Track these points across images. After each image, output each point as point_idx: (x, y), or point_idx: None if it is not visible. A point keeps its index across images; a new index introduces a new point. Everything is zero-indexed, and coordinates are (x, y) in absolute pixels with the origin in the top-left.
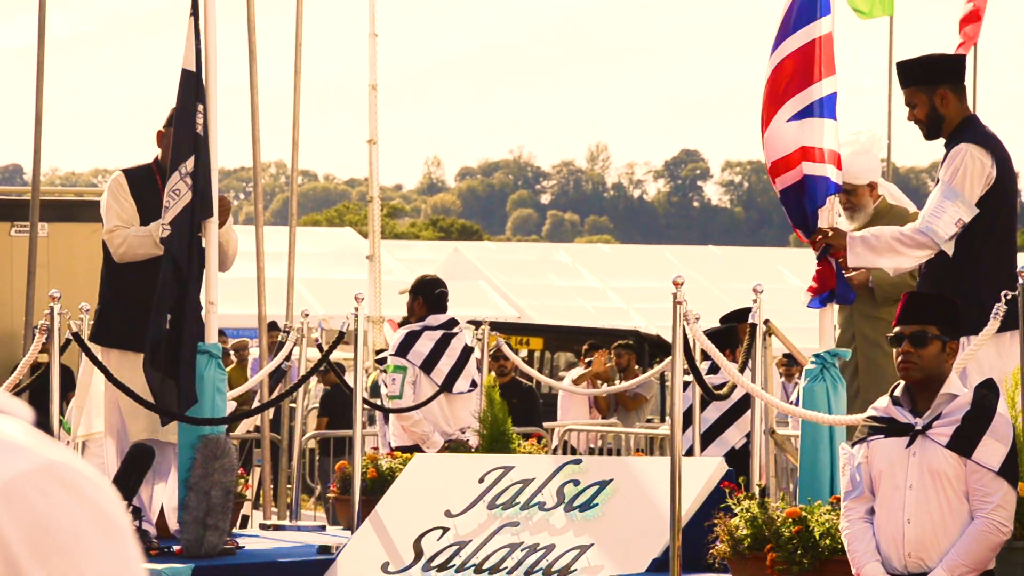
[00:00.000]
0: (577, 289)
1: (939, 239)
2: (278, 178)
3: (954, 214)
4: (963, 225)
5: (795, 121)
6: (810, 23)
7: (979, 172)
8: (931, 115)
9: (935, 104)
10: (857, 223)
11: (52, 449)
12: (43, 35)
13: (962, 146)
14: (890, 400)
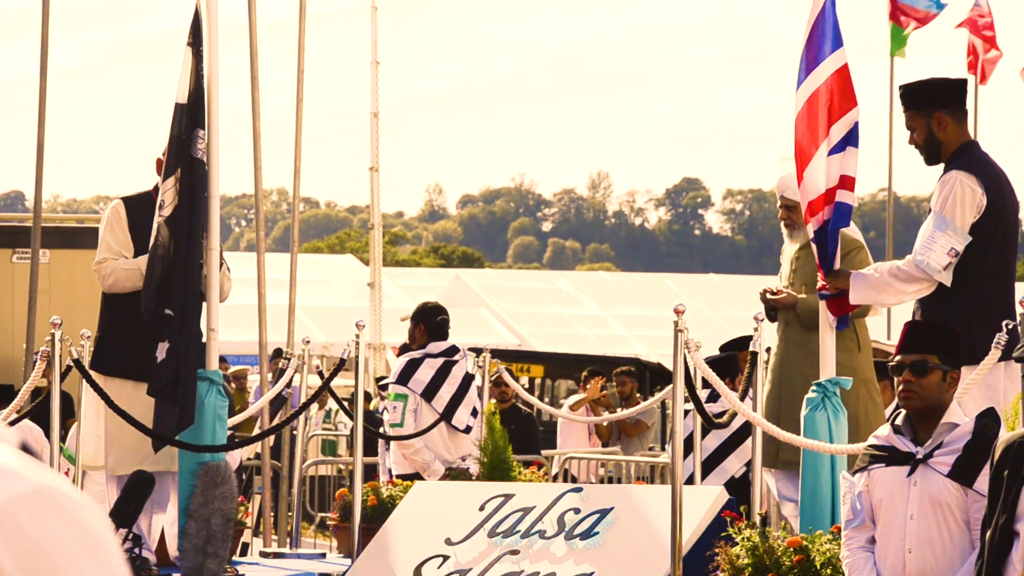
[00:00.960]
0: (578, 317)
1: (932, 271)
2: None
3: (945, 244)
4: (956, 254)
5: (836, 155)
6: (833, 52)
7: (969, 200)
8: (929, 140)
9: (932, 129)
10: (797, 241)
11: (43, 474)
12: (45, 63)
13: (952, 174)
14: (891, 429)
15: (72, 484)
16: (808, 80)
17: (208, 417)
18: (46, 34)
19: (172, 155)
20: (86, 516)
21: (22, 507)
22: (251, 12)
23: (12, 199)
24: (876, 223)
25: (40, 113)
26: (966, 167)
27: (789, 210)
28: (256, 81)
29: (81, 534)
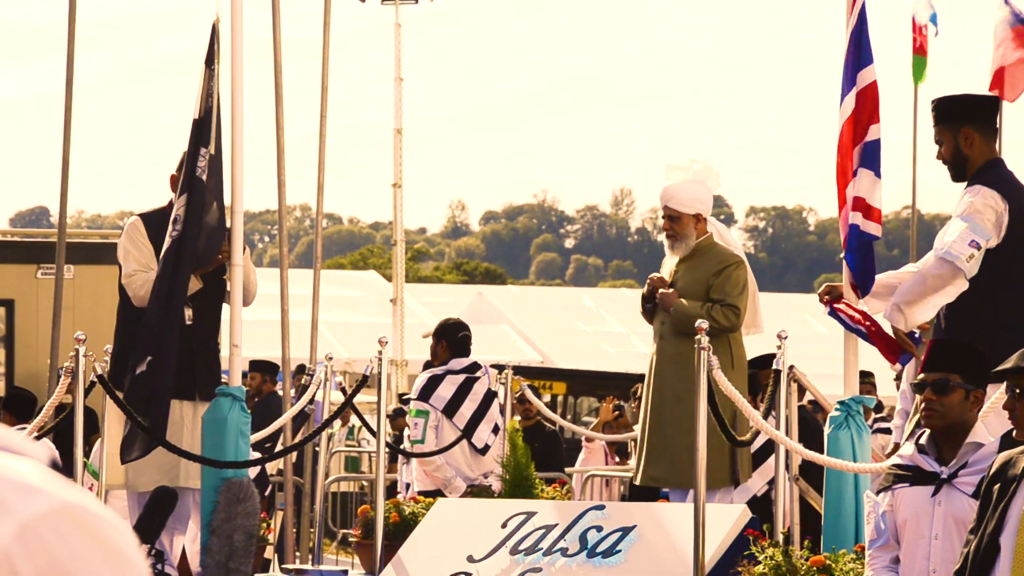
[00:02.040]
0: (601, 334)
1: (954, 258)
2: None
3: (966, 235)
4: (978, 246)
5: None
6: (863, 69)
7: (991, 212)
8: (955, 154)
9: (959, 143)
10: (678, 253)
11: (69, 491)
12: (71, 79)
13: (976, 186)
14: (915, 448)
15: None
16: (846, 101)
17: (231, 433)
18: (72, 51)
19: (185, 172)
20: (112, 533)
21: (48, 524)
22: (275, 30)
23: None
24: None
25: (65, 129)
26: (991, 183)
27: (672, 220)
28: (280, 98)
29: (107, 552)
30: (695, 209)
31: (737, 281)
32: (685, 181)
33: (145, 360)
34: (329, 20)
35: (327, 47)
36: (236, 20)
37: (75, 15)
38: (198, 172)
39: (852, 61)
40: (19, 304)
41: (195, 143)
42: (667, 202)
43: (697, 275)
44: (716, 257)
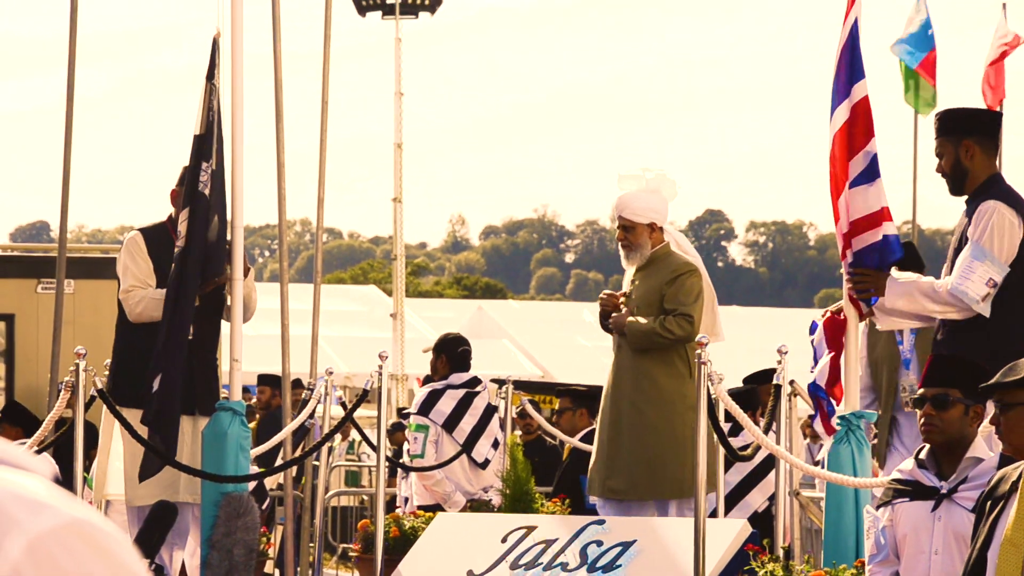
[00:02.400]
0: (601, 348)
1: (970, 300)
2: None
3: (983, 274)
4: (995, 285)
5: (863, 185)
6: (856, 84)
7: (1008, 232)
8: (955, 167)
9: (960, 156)
10: (633, 263)
11: (76, 506)
12: (72, 93)
13: (990, 203)
14: (915, 463)
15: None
16: (836, 114)
17: (231, 448)
18: (73, 65)
19: (187, 187)
20: (118, 548)
21: (55, 540)
22: (276, 44)
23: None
24: None
25: (66, 144)
26: (1004, 199)
27: (626, 231)
28: (280, 112)
29: (113, 566)
30: (649, 218)
31: (691, 289)
32: (638, 190)
33: (157, 377)
34: (329, 34)
35: (327, 61)
36: (236, 35)
37: (76, 29)
38: (200, 187)
39: (845, 74)
40: (19, 319)
41: (196, 158)
42: (620, 212)
43: (652, 284)
44: (670, 266)
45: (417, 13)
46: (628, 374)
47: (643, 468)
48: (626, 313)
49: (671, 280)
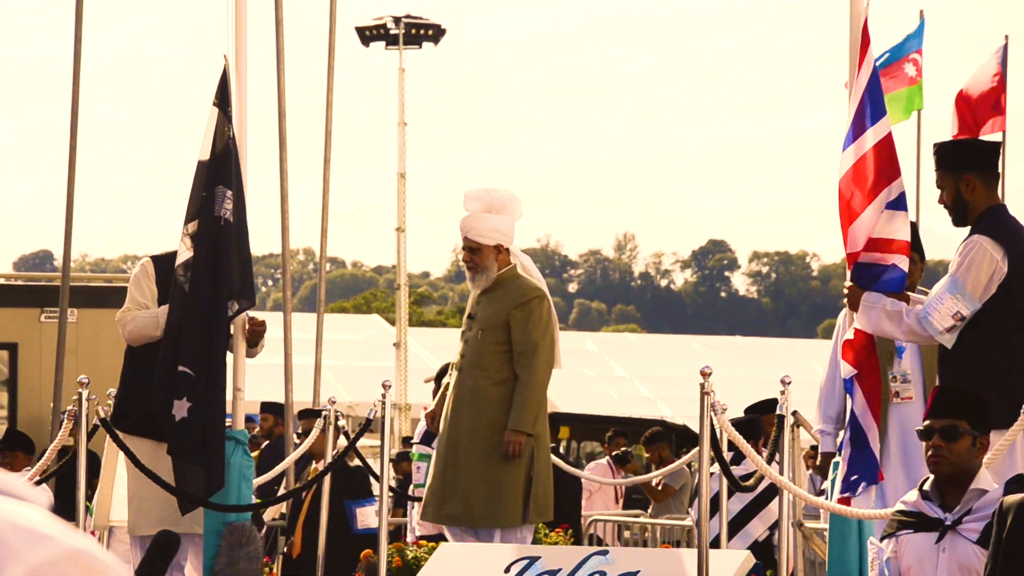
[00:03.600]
0: (604, 378)
1: (933, 331)
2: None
3: (952, 307)
4: (962, 319)
5: (893, 211)
6: (879, 120)
7: (987, 267)
8: (956, 200)
9: (961, 189)
10: (479, 285)
11: (75, 537)
12: (76, 122)
13: (974, 238)
14: (919, 495)
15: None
16: (856, 144)
17: (233, 477)
18: (77, 93)
19: (191, 209)
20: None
21: (54, 570)
22: (280, 74)
23: (41, 258)
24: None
25: (70, 172)
26: (990, 232)
27: (472, 252)
28: (284, 141)
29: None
30: (495, 240)
31: (540, 317)
32: (484, 211)
33: (184, 407)
34: (333, 64)
35: (331, 91)
36: (240, 64)
37: (80, 57)
38: (223, 212)
39: (866, 109)
40: (22, 347)
41: (213, 182)
42: (466, 233)
43: (498, 308)
44: (519, 289)
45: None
46: (468, 398)
47: (480, 495)
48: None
49: (520, 304)
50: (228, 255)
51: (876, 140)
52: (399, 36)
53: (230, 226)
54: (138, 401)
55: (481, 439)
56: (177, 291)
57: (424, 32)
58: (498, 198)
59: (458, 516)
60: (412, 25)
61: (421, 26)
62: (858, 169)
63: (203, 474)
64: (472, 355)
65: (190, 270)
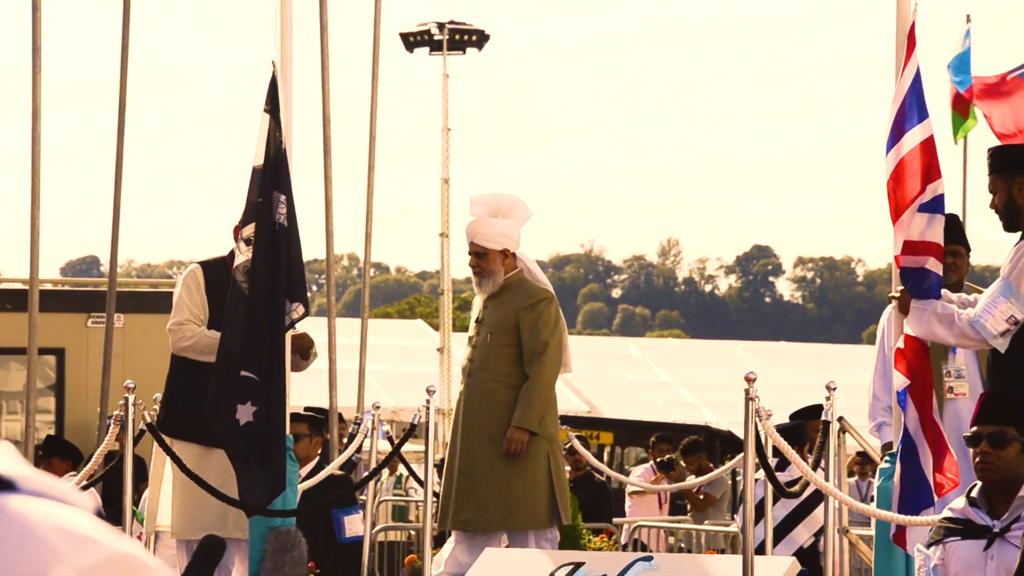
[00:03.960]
0: (648, 384)
1: (987, 334)
2: (350, 270)
3: (1006, 310)
4: (1016, 322)
5: (929, 214)
6: (923, 121)
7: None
8: (1008, 204)
9: (1013, 193)
10: (486, 290)
11: (120, 541)
12: (123, 129)
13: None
14: (967, 501)
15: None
16: (896, 147)
17: None
18: (123, 100)
19: (247, 215)
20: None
21: (101, 574)
22: (324, 80)
23: (88, 264)
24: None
25: (116, 179)
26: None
27: (479, 257)
28: (329, 147)
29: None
30: (501, 244)
31: (548, 318)
32: (490, 216)
33: (250, 411)
34: (377, 71)
35: (375, 97)
36: (286, 71)
37: (127, 65)
38: (279, 218)
39: (908, 111)
40: (69, 353)
41: (269, 188)
42: (472, 238)
43: (506, 311)
44: (525, 292)
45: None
46: (481, 402)
47: (497, 499)
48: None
49: (529, 306)
50: (284, 261)
51: (915, 143)
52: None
53: (284, 231)
54: (185, 405)
55: (496, 443)
56: (237, 296)
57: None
58: (504, 203)
59: (474, 521)
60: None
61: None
62: (899, 172)
63: (268, 477)
64: (481, 359)
65: (249, 275)
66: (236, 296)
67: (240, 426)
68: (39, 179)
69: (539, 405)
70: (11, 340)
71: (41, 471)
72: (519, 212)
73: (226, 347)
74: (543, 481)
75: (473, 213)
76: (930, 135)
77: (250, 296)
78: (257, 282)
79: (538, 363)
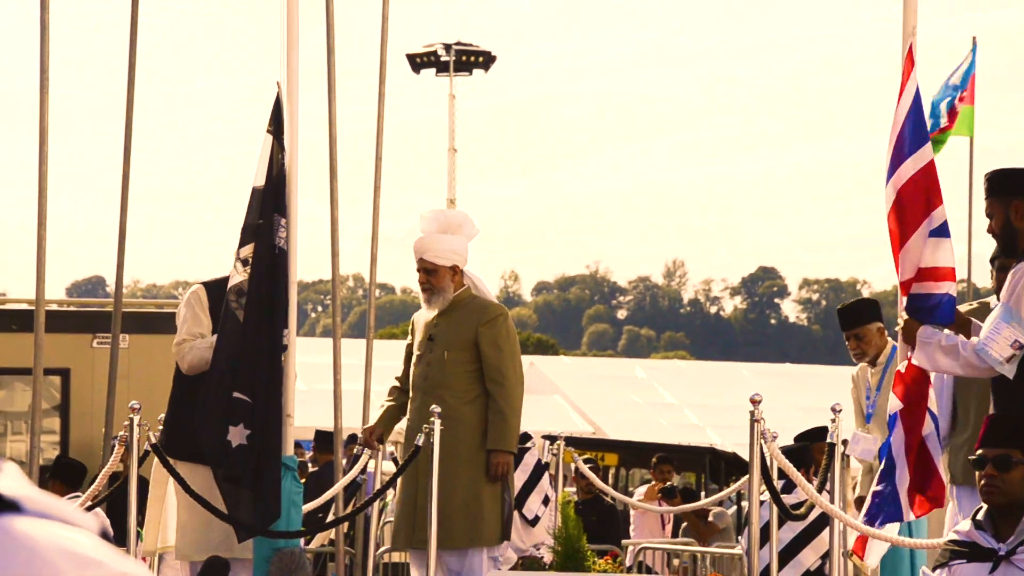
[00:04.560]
0: (653, 405)
1: (993, 361)
2: (356, 291)
3: (1009, 336)
4: (1020, 347)
5: (939, 238)
6: (923, 146)
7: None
8: (1005, 228)
9: (1009, 217)
10: (435, 307)
11: (124, 562)
12: (128, 149)
13: (1022, 265)
14: (972, 524)
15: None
16: (901, 171)
17: (283, 503)
18: (130, 121)
19: (246, 234)
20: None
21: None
22: (331, 100)
23: (93, 284)
24: None
25: (123, 199)
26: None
27: (428, 273)
28: (335, 168)
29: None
30: (451, 261)
31: (509, 333)
32: (440, 232)
33: (242, 433)
34: (384, 91)
35: (381, 118)
36: (292, 91)
37: (134, 87)
38: (279, 241)
39: (908, 136)
40: (75, 373)
41: (270, 210)
42: (422, 254)
43: (462, 328)
44: (481, 308)
45: (471, 70)
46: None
47: (457, 516)
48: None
49: (489, 321)
50: (283, 284)
51: (917, 168)
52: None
53: (284, 255)
54: (188, 426)
55: (462, 461)
56: (229, 318)
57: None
58: (453, 219)
59: (438, 539)
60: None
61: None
62: (902, 198)
63: (256, 501)
64: (438, 376)
65: (243, 296)
66: (228, 318)
67: (232, 448)
68: (46, 199)
69: (515, 425)
70: (16, 360)
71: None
72: (467, 229)
73: (218, 368)
74: (499, 497)
75: (422, 229)
76: (931, 159)
77: (243, 319)
78: (252, 304)
79: (503, 381)
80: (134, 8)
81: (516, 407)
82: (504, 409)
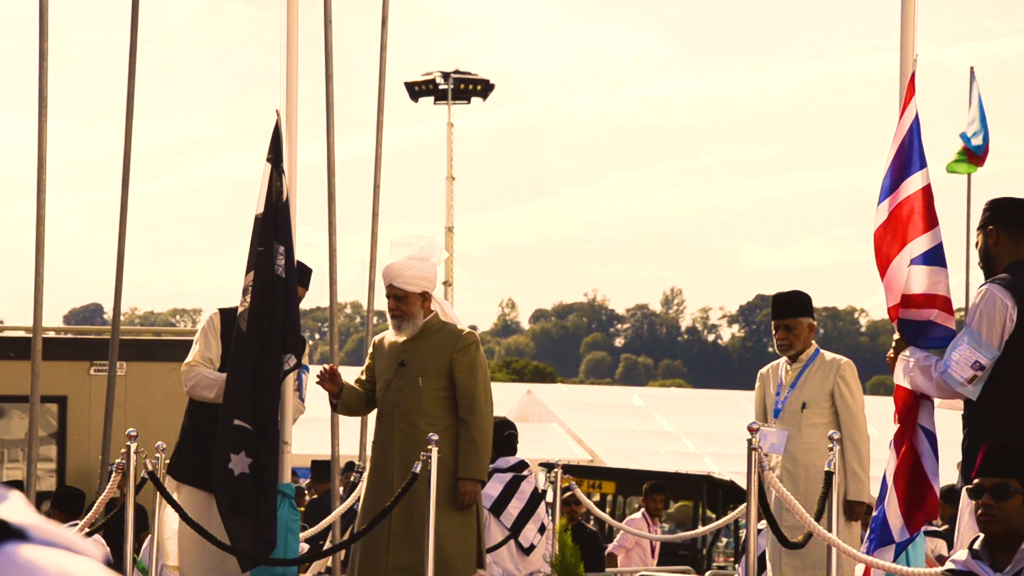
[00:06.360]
0: (650, 433)
1: (954, 383)
2: (353, 318)
3: (969, 356)
4: (980, 367)
5: (932, 266)
6: (919, 171)
7: (999, 315)
8: (984, 254)
9: (988, 244)
10: (405, 333)
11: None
12: (127, 176)
13: (984, 286)
14: (969, 554)
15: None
16: (890, 198)
17: (280, 530)
18: (128, 148)
19: (249, 264)
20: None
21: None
22: (329, 128)
23: (91, 311)
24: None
25: (121, 227)
26: (1001, 281)
27: (398, 300)
28: (333, 195)
29: None
30: (421, 287)
31: (481, 361)
32: (409, 258)
33: (245, 462)
34: (382, 119)
35: (380, 146)
36: (291, 120)
37: (132, 113)
38: (278, 270)
39: (906, 159)
40: (72, 400)
41: (269, 239)
42: (392, 281)
43: (435, 355)
44: (453, 334)
45: (469, 98)
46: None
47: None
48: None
49: (463, 349)
50: (281, 311)
51: (912, 191)
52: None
53: (282, 282)
54: (198, 451)
55: (438, 489)
56: (236, 346)
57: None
58: (423, 246)
59: (411, 568)
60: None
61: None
62: (889, 224)
63: (256, 529)
64: (411, 402)
65: (246, 323)
66: (234, 346)
67: (234, 476)
68: (44, 227)
69: (486, 453)
70: (13, 388)
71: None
72: (436, 255)
73: (227, 395)
74: (474, 526)
75: (392, 255)
76: (927, 184)
77: (245, 345)
78: (250, 330)
79: (476, 409)
80: (133, 35)
81: (488, 435)
82: (476, 437)
